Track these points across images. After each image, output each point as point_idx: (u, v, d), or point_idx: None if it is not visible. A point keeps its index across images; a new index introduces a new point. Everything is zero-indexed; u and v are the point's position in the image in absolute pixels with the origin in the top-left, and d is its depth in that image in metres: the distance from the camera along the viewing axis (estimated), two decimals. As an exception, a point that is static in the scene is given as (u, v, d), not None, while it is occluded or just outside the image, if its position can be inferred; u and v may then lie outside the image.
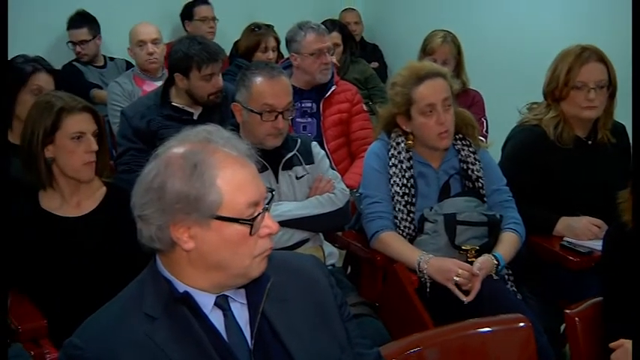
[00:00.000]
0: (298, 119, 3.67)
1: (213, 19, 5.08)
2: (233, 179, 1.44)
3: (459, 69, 3.75)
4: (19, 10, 4.78)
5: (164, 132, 3.29)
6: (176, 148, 1.48)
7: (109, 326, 1.48)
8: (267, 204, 1.49)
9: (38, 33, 4.87)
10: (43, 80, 2.97)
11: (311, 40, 3.63)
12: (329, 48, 3.65)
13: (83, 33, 4.72)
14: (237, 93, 2.73)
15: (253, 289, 1.53)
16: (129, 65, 4.79)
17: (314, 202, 2.72)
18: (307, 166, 2.76)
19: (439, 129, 2.62)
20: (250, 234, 1.45)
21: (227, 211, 1.44)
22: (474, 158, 2.73)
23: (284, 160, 2.72)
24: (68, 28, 4.75)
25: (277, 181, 2.69)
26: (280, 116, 2.63)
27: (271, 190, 1.53)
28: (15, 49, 3.53)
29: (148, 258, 1.64)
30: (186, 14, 5.16)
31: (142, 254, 2.06)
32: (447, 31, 3.84)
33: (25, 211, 2.42)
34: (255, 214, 1.46)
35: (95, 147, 2.39)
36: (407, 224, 2.65)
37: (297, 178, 2.74)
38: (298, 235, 2.70)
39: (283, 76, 2.71)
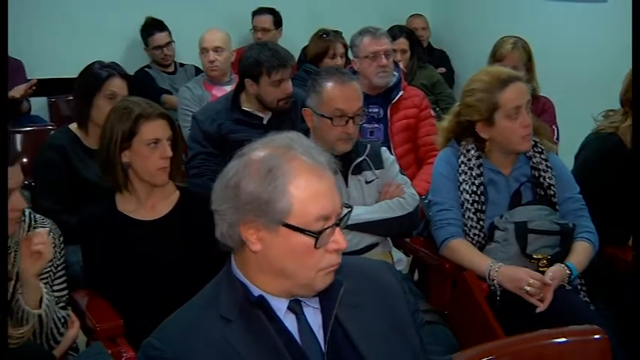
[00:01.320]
0: (365, 125, 3.66)
1: (266, 30, 5.15)
2: (306, 189, 1.45)
3: (529, 75, 3.70)
4: (94, 17, 4.95)
5: (234, 136, 3.35)
6: (258, 150, 1.50)
7: (187, 327, 1.50)
8: (340, 220, 1.48)
9: (113, 39, 5.01)
10: (118, 85, 3.05)
11: (367, 43, 3.64)
12: (386, 51, 3.63)
13: (165, 36, 4.84)
14: (308, 99, 2.76)
15: (326, 295, 1.53)
16: (198, 71, 4.89)
17: (384, 206, 2.72)
18: (377, 171, 2.77)
19: (523, 131, 2.58)
20: (315, 247, 1.45)
21: (295, 220, 1.45)
22: (546, 165, 2.69)
23: (353, 164, 2.73)
24: (148, 35, 4.86)
25: (347, 186, 2.70)
26: (351, 121, 2.64)
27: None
28: (90, 55, 3.67)
29: (222, 260, 1.67)
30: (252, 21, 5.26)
31: (215, 256, 2.13)
32: (518, 37, 3.79)
33: (102, 214, 2.48)
34: (324, 227, 1.45)
35: (170, 153, 2.43)
36: (476, 232, 2.63)
37: (367, 182, 2.75)
38: (368, 239, 2.70)
39: (354, 81, 2.73)
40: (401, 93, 3.68)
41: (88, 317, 2.30)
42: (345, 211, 1.51)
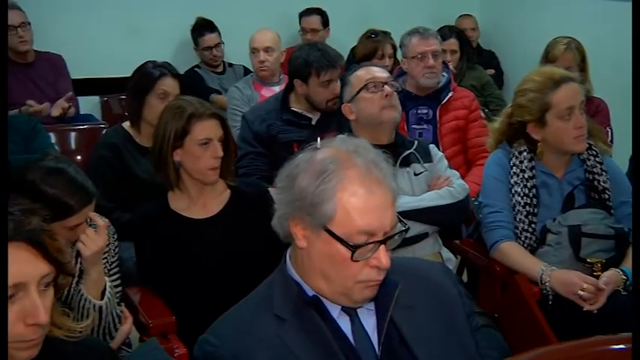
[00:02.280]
0: (414, 126, 3.65)
1: (315, 30, 5.15)
2: (353, 200, 1.44)
3: (583, 76, 3.63)
4: (147, 17, 5.02)
5: (283, 136, 3.37)
6: (325, 148, 1.52)
7: (242, 325, 1.52)
8: (387, 239, 1.45)
9: (164, 39, 5.07)
10: (169, 85, 3.09)
11: (415, 43, 3.62)
12: (434, 52, 3.61)
13: (215, 37, 4.89)
14: (342, 99, 2.85)
15: (381, 296, 1.53)
16: (247, 71, 4.92)
17: (433, 194, 2.74)
18: (425, 164, 2.79)
19: (577, 132, 2.55)
20: (352, 259, 1.44)
21: (337, 228, 1.44)
22: (601, 169, 2.64)
23: (401, 157, 2.75)
24: (198, 35, 4.92)
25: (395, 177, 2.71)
26: (386, 86, 2.72)
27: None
28: (142, 54, 3.73)
29: (273, 258, 1.69)
30: (299, 22, 5.27)
31: (266, 254, 2.14)
32: (571, 38, 3.73)
33: (155, 212, 2.52)
34: (367, 242, 1.44)
35: (221, 153, 2.45)
36: (528, 235, 2.59)
37: (416, 174, 2.78)
38: (417, 228, 2.70)
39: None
40: (451, 94, 3.65)
41: (141, 313, 2.33)
42: (397, 230, 1.48)
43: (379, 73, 2.80)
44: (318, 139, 3.28)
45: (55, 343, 1.33)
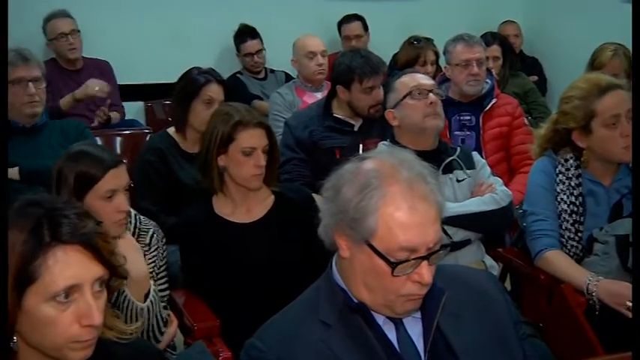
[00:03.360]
0: (456, 132, 3.63)
1: (359, 36, 5.15)
2: (394, 216, 1.44)
3: (630, 84, 3.57)
4: (189, 23, 5.07)
5: (325, 143, 3.38)
6: (371, 159, 1.52)
7: (288, 330, 1.53)
8: (429, 255, 1.45)
9: (206, 45, 5.12)
10: (215, 91, 3.12)
11: (459, 50, 3.61)
12: (479, 59, 3.58)
13: (257, 44, 4.93)
14: (386, 104, 2.85)
15: (428, 303, 1.52)
16: (288, 77, 4.95)
17: (476, 200, 2.75)
18: (468, 171, 2.80)
19: (624, 142, 2.50)
20: (392, 275, 1.44)
21: (379, 243, 1.45)
22: (650, 177, 2.59)
23: (444, 163, 2.75)
24: (241, 42, 4.96)
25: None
26: (431, 94, 2.72)
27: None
28: (185, 61, 3.78)
29: (317, 263, 1.69)
30: (338, 29, 5.27)
31: (310, 260, 2.15)
32: (619, 44, 3.68)
33: (200, 216, 2.54)
34: (408, 258, 1.43)
35: (263, 163, 2.46)
36: (574, 244, 2.55)
37: (458, 181, 2.79)
38: (460, 234, 2.70)
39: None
40: (494, 101, 3.62)
41: (185, 316, 2.35)
42: (441, 245, 1.47)
43: (424, 80, 2.81)
44: (360, 145, 3.31)
45: (107, 344, 1.36)
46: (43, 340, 1.30)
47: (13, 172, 3.00)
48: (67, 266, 1.27)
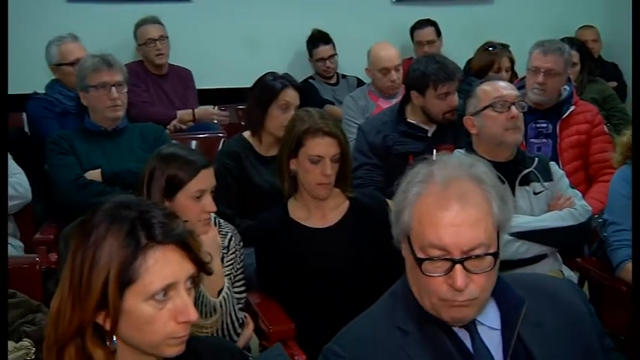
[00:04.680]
0: (532, 140, 3.57)
1: (431, 42, 5.11)
2: (424, 213, 1.44)
3: None
4: (261, 29, 5.13)
5: (398, 148, 3.37)
6: (423, 163, 1.53)
7: (366, 335, 1.53)
8: (466, 257, 1.41)
9: (279, 50, 5.17)
10: (291, 96, 3.15)
11: (534, 55, 3.53)
12: (549, 70, 3.46)
13: (329, 49, 4.95)
14: (466, 110, 2.81)
15: (508, 312, 1.50)
16: (360, 83, 4.95)
17: (554, 215, 2.68)
18: (545, 183, 2.74)
19: None
20: (422, 273, 1.43)
21: (414, 239, 1.46)
22: None
23: (521, 175, 2.70)
24: (313, 47, 5.00)
25: (514, 195, 2.66)
26: (513, 106, 2.67)
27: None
28: (257, 65, 3.83)
29: (390, 269, 1.69)
30: (411, 34, 5.24)
31: (383, 265, 2.15)
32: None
33: (275, 220, 2.57)
34: (440, 257, 1.41)
35: (329, 172, 2.45)
36: (657, 255, 2.48)
37: (535, 193, 2.73)
38: (536, 249, 2.65)
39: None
40: (572, 108, 3.54)
41: (261, 319, 2.38)
42: (484, 252, 1.42)
43: (507, 91, 2.73)
44: (434, 151, 3.27)
45: (190, 340, 1.39)
46: (142, 338, 1.34)
47: (96, 174, 3.10)
48: (165, 266, 1.31)
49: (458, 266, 1.40)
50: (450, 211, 1.41)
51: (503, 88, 2.74)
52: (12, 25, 4.48)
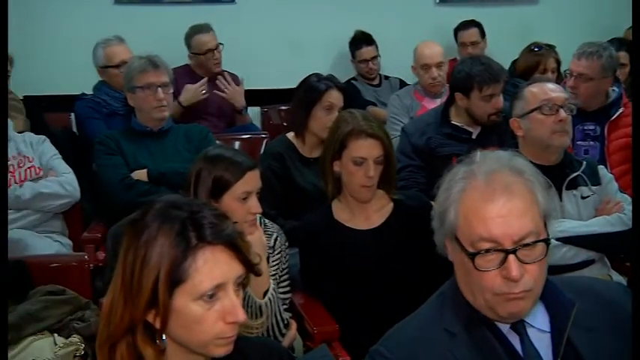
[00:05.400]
0: (579, 142, 3.51)
1: (475, 43, 5.07)
2: (472, 208, 1.43)
3: None
4: (305, 30, 5.15)
5: (442, 150, 3.35)
6: (462, 163, 1.52)
7: (413, 337, 1.52)
8: (518, 247, 1.40)
9: (322, 51, 5.18)
10: (335, 97, 3.16)
11: (574, 58, 3.49)
12: (580, 74, 3.41)
13: (372, 50, 4.95)
14: (512, 112, 2.76)
15: (557, 315, 1.49)
16: (402, 84, 4.93)
17: (602, 220, 2.63)
18: (593, 187, 2.69)
19: None
20: (475, 268, 1.41)
21: (461, 236, 1.45)
22: None
23: (568, 179, 2.66)
24: (356, 48, 5.00)
25: (561, 200, 2.63)
26: (561, 110, 2.62)
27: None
28: (300, 67, 3.84)
29: (435, 272, 1.68)
30: (455, 35, 5.20)
31: (427, 267, 2.13)
32: None
33: (320, 221, 2.58)
34: (490, 249, 1.40)
35: (372, 174, 2.44)
36: None
37: (583, 198, 2.68)
38: (583, 254, 2.61)
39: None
40: (621, 110, 3.48)
41: (305, 320, 2.39)
42: (534, 240, 1.41)
43: (556, 93, 2.68)
44: (478, 153, 3.23)
45: (238, 340, 1.39)
46: (190, 337, 1.35)
47: (142, 174, 3.14)
48: (214, 266, 1.32)
49: (511, 256, 1.40)
50: (496, 202, 1.42)
51: (551, 90, 2.69)
52: (60, 27, 4.65)
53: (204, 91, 4.22)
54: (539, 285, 1.45)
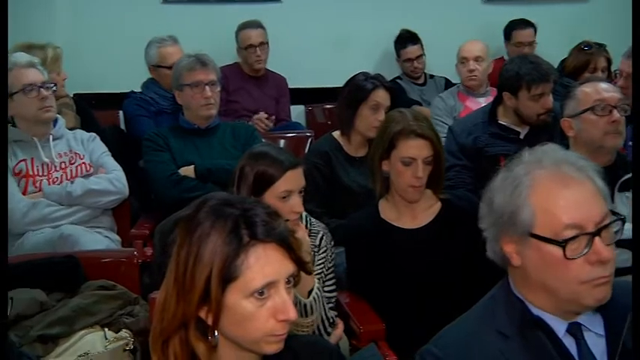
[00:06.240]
0: (631, 143, 3.44)
1: (532, 43, 4.99)
2: (549, 199, 1.42)
3: None
4: (350, 29, 5.14)
5: (489, 150, 3.32)
6: (512, 164, 1.51)
7: (465, 338, 1.52)
8: (599, 230, 1.40)
9: (366, 50, 5.17)
10: (382, 96, 3.16)
11: (623, 59, 3.43)
12: (628, 74, 3.34)
13: (417, 49, 4.92)
14: (564, 111, 2.72)
15: (612, 319, 1.46)
16: (448, 83, 4.90)
17: None
18: None
19: None
20: (566, 257, 1.39)
21: (541, 230, 1.42)
22: None
23: (621, 181, 2.61)
24: (401, 47, 4.97)
25: (613, 202, 2.57)
26: (615, 110, 2.57)
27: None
28: (345, 65, 3.83)
29: (483, 272, 1.66)
30: (506, 34, 5.13)
31: (474, 267, 2.11)
32: None
33: (366, 220, 2.57)
34: (576, 235, 1.39)
35: (420, 174, 2.43)
36: None
37: None
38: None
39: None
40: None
41: (351, 319, 2.38)
42: (611, 219, 1.42)
43: (609, 93, 2.63)
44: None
45: (288, 338, 1.40)
46: (242, 334, 1.36)
47: (189, 170, 3.18)
48: (266, 264, 1.33)
49: (597, 239, 1.40)
50: (572, 188, 1.42)
51: (604, 90, 2.64)
52: (109, 26, 4.72)
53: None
54: (613, 269, 1.45)
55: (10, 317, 1.42)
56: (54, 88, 3.07)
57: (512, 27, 5.07)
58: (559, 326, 1.48)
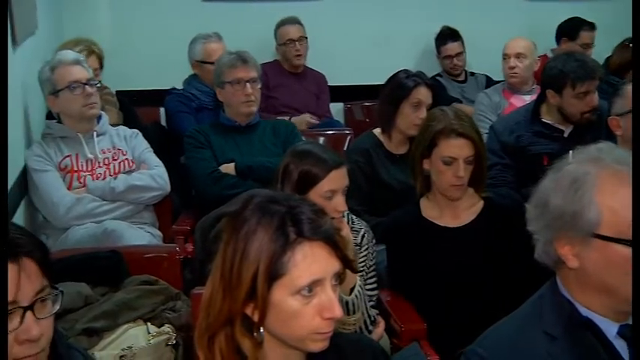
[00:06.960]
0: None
1: (589, 45, 4.88)
2: (614, 197, 1.39)
3: None
4: (391, 26, 5.11)
5: (532, 148, 3.27)
6: (564, 164, 1.48)
7: (510, 339, 1.50)
8: None
9: (407, 47, 5.13)
10: (423, 94, 3.13)
11: None
12: None
13: (457, 46, 4.88)
14: (611, 110, 2.69)
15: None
16: (489, 81, 4.84)
17: None
18: None
19: None
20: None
21: (608, 230, 1.39)
22: None
23: None
24: (441, 44, 4.94)
25: None
26: None
27: None
28: (385, 63, 3.80)
29: (526, 272, 1.64)
30: (568, 33, 4.99)
31: (516, 267, 2.08)
32: None
33: (408, 218, 2.56)
34: None
35: (462, 174, 2.41)
36: None
37: None
38: None
39: None
40: None
41: (392, 317, 2.38)
42: None
43: None
44: (570, 152, 3.15)
45: (332, 336, 1.39)
46: (287, 332, 1.36)
47: (230, 168, 3.20)
48: (313, 261, 1.32)
49: None
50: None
51: None
52: (150, 24, 4.76)
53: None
54: None
55: (57, 310, 1.43)
56: (98, 85, 3.11)
57: (578, 27, 4.88)
58: (610, 328, 1.46)
